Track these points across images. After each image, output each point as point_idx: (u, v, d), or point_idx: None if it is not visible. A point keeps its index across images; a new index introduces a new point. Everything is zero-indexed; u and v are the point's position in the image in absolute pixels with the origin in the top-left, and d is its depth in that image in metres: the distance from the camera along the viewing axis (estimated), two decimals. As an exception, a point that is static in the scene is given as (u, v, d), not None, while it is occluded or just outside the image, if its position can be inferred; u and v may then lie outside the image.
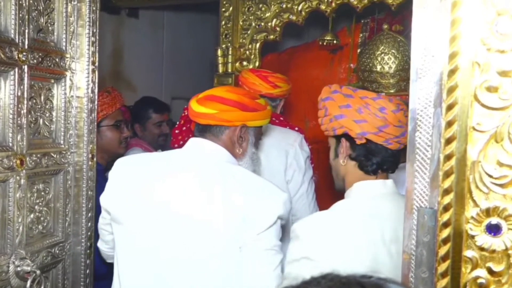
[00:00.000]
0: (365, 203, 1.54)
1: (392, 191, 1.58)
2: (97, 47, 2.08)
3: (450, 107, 0.97)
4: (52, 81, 1.97)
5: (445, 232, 0.98)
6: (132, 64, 4.31)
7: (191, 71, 4.93)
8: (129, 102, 3.55)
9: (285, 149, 2.43)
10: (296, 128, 2.70)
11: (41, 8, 1.87)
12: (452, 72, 0.97)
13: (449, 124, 0.97)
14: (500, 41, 0.93)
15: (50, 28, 1.94)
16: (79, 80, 2.06)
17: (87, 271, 2.13)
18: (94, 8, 2.04)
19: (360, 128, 1.53)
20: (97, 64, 2.09)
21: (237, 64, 3.54)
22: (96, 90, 2.11)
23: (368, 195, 1.56)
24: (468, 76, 0.96)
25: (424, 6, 1.03)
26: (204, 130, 1.72)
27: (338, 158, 1.62)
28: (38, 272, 1.78)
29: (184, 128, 2.61)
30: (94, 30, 2.06)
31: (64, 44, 2.00)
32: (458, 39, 0.97)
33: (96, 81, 2.10)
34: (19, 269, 1.77)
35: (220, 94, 1.71)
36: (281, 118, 2.64)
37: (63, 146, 2.03)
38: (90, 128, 2.09)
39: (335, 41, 3.56)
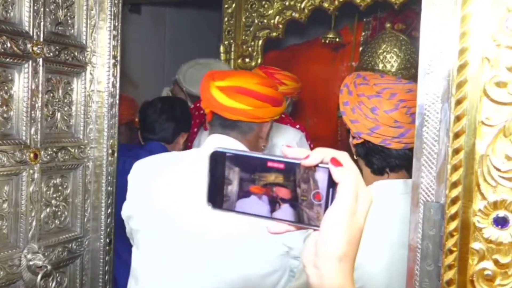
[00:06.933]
0: (385, 203, 1.44)
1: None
2: (118, 41, 2.04)
3: (459, 102, 0.99)
4: (71, 74, 1.95)
5: (453, 225, 1.00)
6: (134, 60, 4.31)
7: (193, 67, 4.93)
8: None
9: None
10: (297, 126, 2.70)
11: (59, 1, 1.86)
12: (461, 68, 0.99)
13: (458, 118, 0.99)
14: (510, 37, 0.94)
15: (69, 21, 1.92)
16: (100, 74, 2.03)
17: (106, 267, 2.10)
18: (116, 1, 2.02)
19: (355, 128, 1.47)
20: (118, 58, 2.05)
21: (239, 60, 3.56)
22: (117, 85, 2.07)
23: (387, 194, 1.45)
24: (477, 71, 0.97)
25: (433, 3, 1.04)
26: (231, 126, 1.59)
27: None
28: (49, 267, 1.78)
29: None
30: (116, 24, 2.03)
31: (84, 37, 1.98)
32: (468, 35, 0.98)
33: (118, 75, 2.07)
34: (31, 263, 1.77)
35: (253, 88, 1.57)
36: (283, 115, 2.65)
37: (82, 140, 2.01)
38: (111, 123, 2.06)
39: (337, 39, 3.58)
